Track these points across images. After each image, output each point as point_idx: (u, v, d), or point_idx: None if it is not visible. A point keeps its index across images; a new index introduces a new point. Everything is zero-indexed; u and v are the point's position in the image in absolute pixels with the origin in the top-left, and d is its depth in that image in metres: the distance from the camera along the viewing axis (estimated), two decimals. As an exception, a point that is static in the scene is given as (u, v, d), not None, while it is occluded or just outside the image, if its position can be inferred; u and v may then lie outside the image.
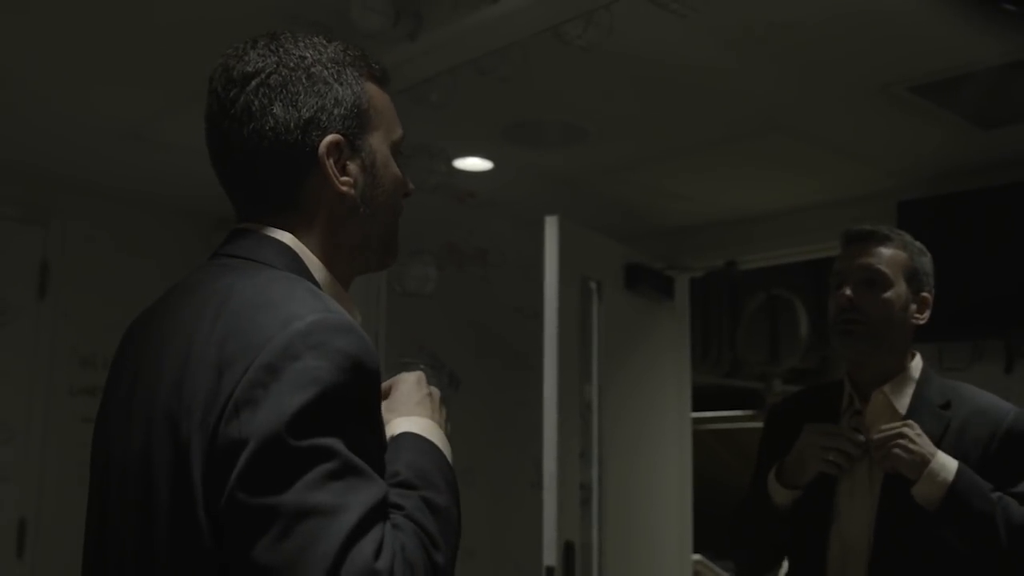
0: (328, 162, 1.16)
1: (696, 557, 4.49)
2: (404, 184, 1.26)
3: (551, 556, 3.20)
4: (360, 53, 1.23)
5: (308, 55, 1.17)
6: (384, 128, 1.23)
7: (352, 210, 1.19)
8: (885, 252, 2.03)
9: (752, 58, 2.80)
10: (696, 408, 4.55)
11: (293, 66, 1.16)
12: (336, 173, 1.17)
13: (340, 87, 1.18)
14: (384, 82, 1.25)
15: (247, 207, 1.21)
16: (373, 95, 1.22)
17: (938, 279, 2.09)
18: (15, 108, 3.24)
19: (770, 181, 3.91)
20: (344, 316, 1.06)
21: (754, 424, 5.39)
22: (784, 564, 2.21)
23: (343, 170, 1.18)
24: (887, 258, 2.02)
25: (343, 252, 1.20)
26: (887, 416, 1.98)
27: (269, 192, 1.18)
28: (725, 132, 3.40)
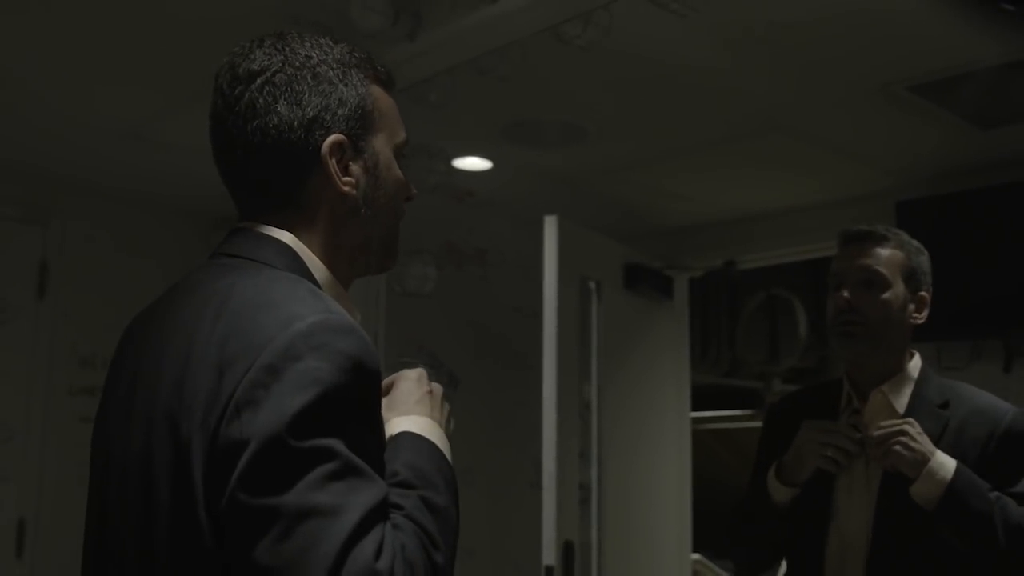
0: (331, 162, 1.16)
1: (695, 556, 4.49)
2: (406, 187, 1.26)
3: (550, 556, 3.20)
4: (366, 55, 1.23)
5: (314, 55, 1.18)
6: (388, 131, 1.23)
7: (353, 211, 1.19)
8: (883, 252, 2.03)
9: (751, 58, 2.80)
10: (695, 408, 4.55)
11: (299, 65, 1.16)
12: (338, 173, 1.17)
13: (345, 88, 1.18)
14: (389, 85, 1.26)
15: (248, 205, 1.21)
16: (378, 97, 1.22)
17: (936, 279, 2.09)
18: (15, 108, 3.24)
19: (769, 181, 3.91)
20: (345, 317, 1.06)
21: (753, 424, 5.39)
22: (783, 563, 2.21)
23: (345, 170, 1.18)
24: (885, 258, 2.02)
25: (343, 253, 1.20)
26: (885, 415, 1.99)
27: (271, 190, 1.18)
28: (724, 132, 3.40)
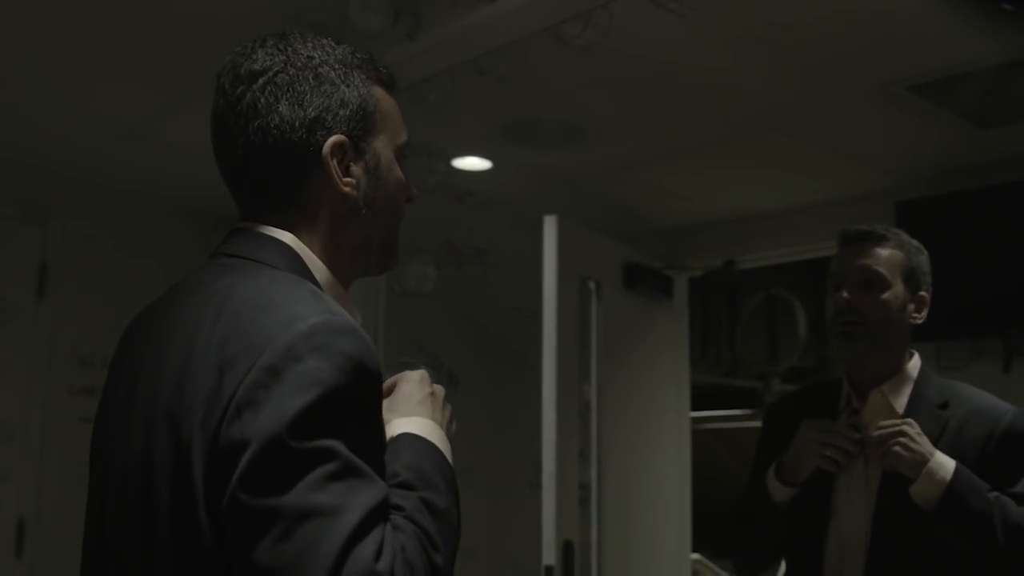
0: (332, 162, 1.16)
1: (695, 556, 4.49)
2: (407, 188, 1.26)
3: (550, 555, 3.20)
4: (368, 56, 1.23)
5: (316, 55, 1.18)
6: (389, 132, 1.23)
7: (354, 211, 1.19)
8: (882, 252, 2.02)
9: (751, 57, 2.80)
10: (695, 407, 4.55)
11: (301, 66, 1.16)
12: (339, 174, 1.17)
13: (347, 88, 1.18)
14: (391, 87, 1.26)
15: (249, 205, 1.21)
16: (380, 99, 1.22)
17: (936, 278, 2.09)
18: (15, 108, 3.24)
19: (769, 180, 3.91)
20: (346, 318, 1.06)
21: (753, 423, 5.39)
22: (783, 564, 2.21)
23: (346, 171, 1.18)
24: (884, 258, 2.02)
25: (344, 253, 1.20)
26: (885, 416, 1.99)
27: (272, 190, 1.18)
28: (724, 132, 3.40)
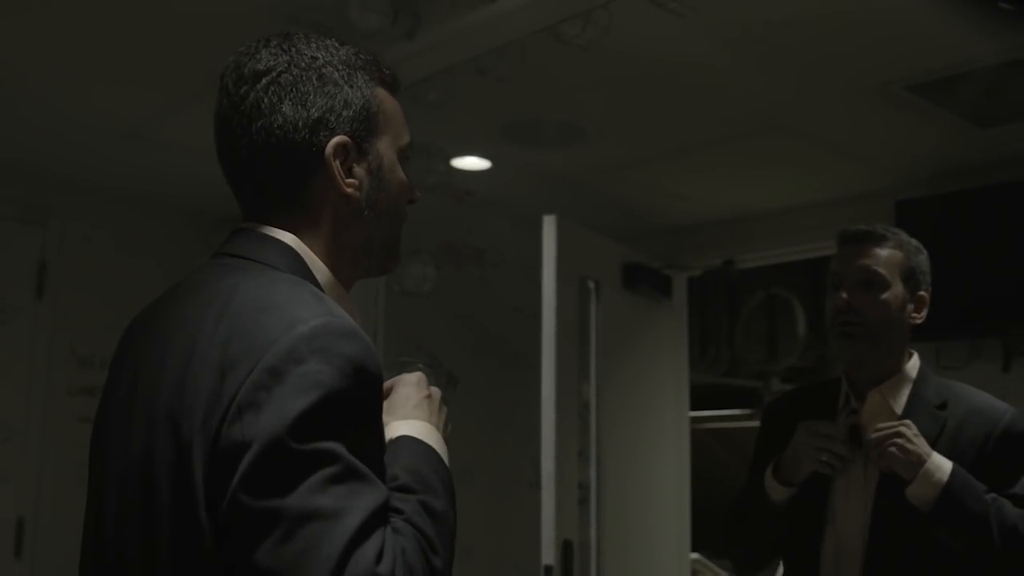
0: (334, 163, 1.16)
1: (694, 556, 4.49)
2: (410, 190, 1.26)
3: (549, 555, 3.20)
4: (371, 57, 1.23)
5: (320, 56, 1.18)
6: (392, 133, 1.23)
7: (356, 212, 1.19)
8: (881, 253, 2.02)
9: (750, 57, 2.80)
10: (694, 407, 4.55)
11: (304, 66, 1.16)
12: (342, 174, 1.17)
13: (350, 89, 1.18)
14: (394, 88, 1.26)
15: (252, 205, 1.21)
16: (383, 100, 1.22)
17: (935, 278, 2.09)
18: (14, 108, 3.24)
19: (768, 180, 3.91)
20: (347, 320, 1.06)
21: (752, 423, 5.38)
22: (780, 566, 2.21)
23: (349, 172, 1.18)
24: (884, 259, 2.01)
25: (346, 255, 1.20)
26: (883, 416, 1.98)
27: (274, 190, 1.18)
28: (723, 131, 3.40)
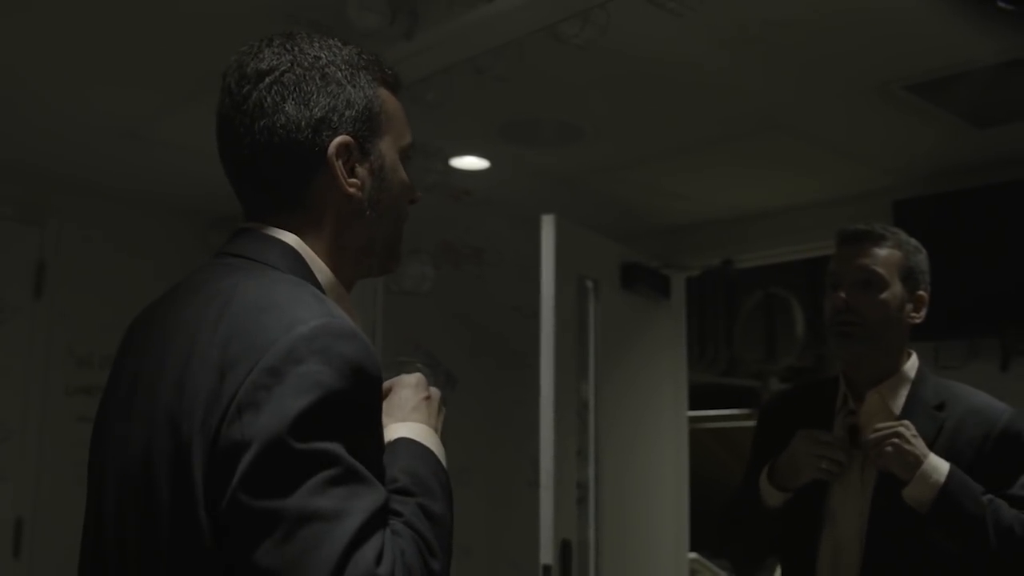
0: (337, 163, 1.16)
1: (692, 555, 4.49)
2: (411, 190, 1.27)
3: (548, 555, 3.20)
4: (374, 57, 1.23)
5: (323, 56, 1.18)
6: (394, 133, 1.23)
7: (358, 212, 1.19)
8: (880, 252, 2.02)
9: (748, 57, 2.80)
10: (692, 407, 4.55)
11: (307, 65, 1.16)
12: (344, 174, 1.17)
13: (353, 89, 1.18)
14: (396, 88, 1.26)
15: (254, 205, 1.21)
16: (385, 100, 1.22)
17: (934, 278, 2.09)
18: (13, 107, 3.23)
19: (766, 180, 3.91)
20: (347, 321, 1.06)
21: (750, 423, 5.38)
22: (779, 567, 2.21)
23: (351, 172, 1.18)
24: (882, 258, 2.01)
25: (347, 255, 1.21)
26: (881, 417, 1.98)
27: (277, 190, 1.18)
28: (721, 131, 3.40)
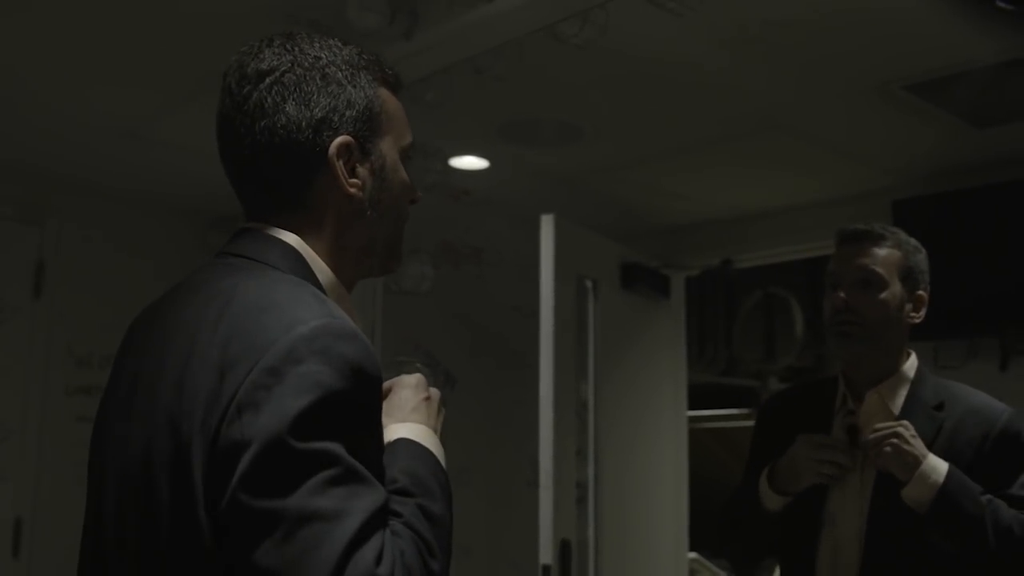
0: (338, 163, 1.16)
1: (692, 555, 4.49)
2: (412, 190, 1.27)
3: (547, 554, 3.20)
4: (374, 57, 1.23)
5: (323, 56, 1.18)
6: (395, 133, 1.23)
7: (359, 212, 1.19)
8: (880, 252, 2.02)
9: (748, 57, 2.80)
10: (692, 406, 4.55)
11: (308, 66, 1.16)
12: (345, 175, 1.17)
13: (353, 89, 1.18)
14: (397, 88, 1.26)
15: (255, 205, 1.21)
16: (385, 100, 1.22)
17: (933, 277, 2.08)
18: (12, 107, 3.23)
19: (766, 180, 3.91)
20: (347, 322, 1.06)
21: (750, 423, 5.37)
22: (777, 568, 2.21)
23: (352, 172, 1.18)
24: (882, 258, 2.01)
25: (348, 255, 1.21)
26: (880, 417, 1.98)
27: (278, 191, 1.18)
28: (721, 131, 3.40)
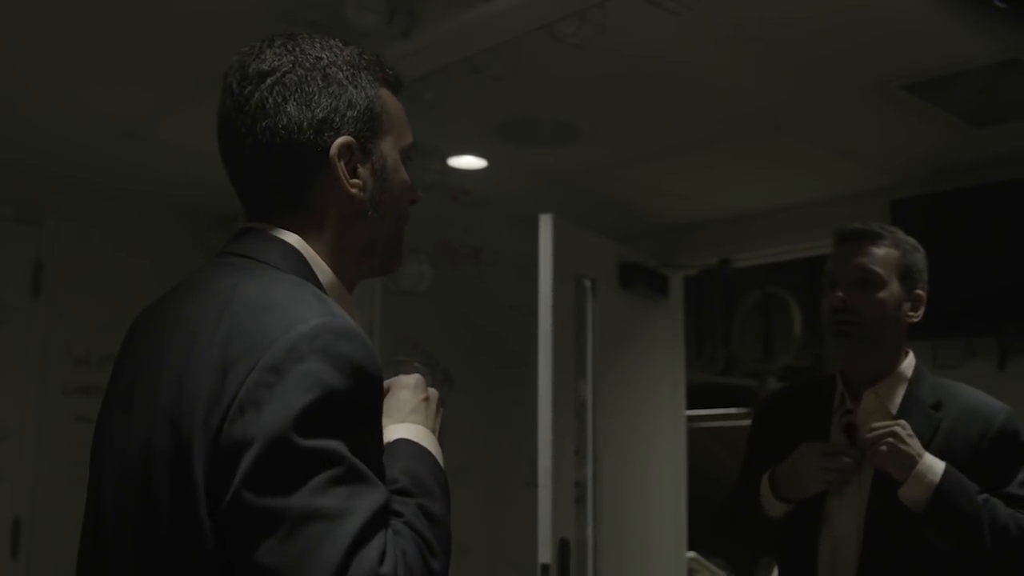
0: (339, 164, 1.16)
1: (690, 554, 4.49)
2: (412, 190, 1.27)
3: (546, 554, 3.20)
4: (375, 58, 1.23)
5: (324, 56, 1.18)
6: (395, 133, 1.23)
7: (360, 213, 1.19)
8: (878, 251, 2.02)
9: (746, 56, 2.80)
10: (690, 406, 4.55)
11: (309, 66, 1.17)
12: (346, 175, 1.17)
13: (354, 90, 1.18)
14: (397, 88, 1.26)
15: (256, 205, 1.21)
16: (386, 100, 1.23)
17: (931, 276, 2.08)
18: (10, 107, 3.23)
19: (764, 179, 3.91)
20: (348, 321, 1.06)
21: (748, 422, 5.37)
22: (776, 568, 2.21)
23: (353, 172, 1.18)
24: (880, 257, 2.01)
25: (349, 255, 1.21)
26: (878, 416, 1.98)
27: (279, 191, 1.18)
28: (719, 130, 3.40)
